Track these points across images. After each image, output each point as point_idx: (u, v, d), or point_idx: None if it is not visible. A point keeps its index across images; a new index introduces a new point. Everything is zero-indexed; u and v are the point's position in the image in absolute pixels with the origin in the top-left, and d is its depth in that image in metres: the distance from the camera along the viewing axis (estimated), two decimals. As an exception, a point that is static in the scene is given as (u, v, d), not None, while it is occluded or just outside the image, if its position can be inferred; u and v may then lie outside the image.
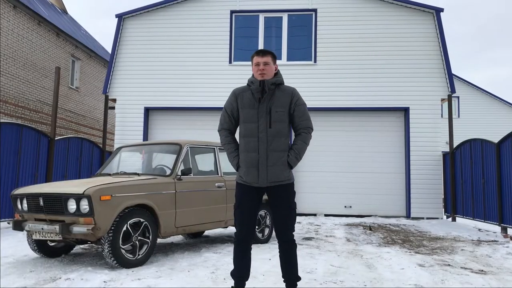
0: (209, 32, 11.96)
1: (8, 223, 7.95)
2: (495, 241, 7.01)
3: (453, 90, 11.07)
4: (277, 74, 3.32)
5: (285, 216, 3.23)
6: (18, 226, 4.75)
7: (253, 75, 3.34)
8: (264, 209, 6.42)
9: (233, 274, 3.30)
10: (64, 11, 18.82)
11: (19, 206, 4.91)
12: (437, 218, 10.70)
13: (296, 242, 3.30)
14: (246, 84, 3.38)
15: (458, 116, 21.68)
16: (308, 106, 3.45)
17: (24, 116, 13.32)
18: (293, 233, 3.28)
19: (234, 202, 3.34)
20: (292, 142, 3.33)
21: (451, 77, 11.10)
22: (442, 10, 11.21)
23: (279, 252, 3.30)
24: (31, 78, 13.70)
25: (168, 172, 5.41)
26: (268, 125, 3.20)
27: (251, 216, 3.27)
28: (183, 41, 12.00)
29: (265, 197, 3.37)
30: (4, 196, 7.81)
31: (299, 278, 3.31)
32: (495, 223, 8.34)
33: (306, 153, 3.34)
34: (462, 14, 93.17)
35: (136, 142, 8.40)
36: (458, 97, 21.65)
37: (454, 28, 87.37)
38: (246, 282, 3.33)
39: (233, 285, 3.32)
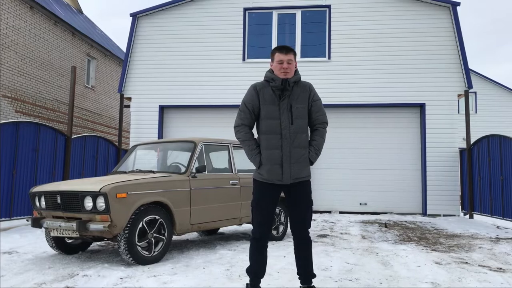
0: (223, 29, 11.97)
1: (27, 220, 8.10)
2: (514, 238, 6.90)
3: (470, 85, 10.88)
4: (296, 71, 3.32)
5: (303, 213, 3.24)
6: (36, 223, 4.85)
7: (271, 71, 3.29)
8: (279, 206, 6.41)
9: (248, 271, 3.30)
10: (80, 11, 19.04)
11: (37, 203, 5.00)
12: (454, 215, 10.54)
13: (311, 239, 3.30)
14: (264, 80, 3.34)
15: (476, 112, 21.30)
16: (322, 102, 3.44)
17: (42, 115, 13.53)
18: (309, 230, 3.28)
19: (248, 200, 3.34)
20: (309, 138, 3.32)
21: (467, 72, 10.91)
22: (458, 4, 11.02)
23: (295, 249, 3.30)
24: (48, 78, 13.90)
25: (183, 169, 5.44)
26: (290, 121, 3.19)
27: (270, 214, 3.27)
28: (197, 39, 12.03)
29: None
30: (23, 194, 7.95)
31: (314, 275, 3.30)
32: (514, 220, 8.21)
33: (321, 150, 3.33)
34: (478, 6, 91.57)
35: (151, 140, 8.49)
36: (475, 92, 21.26)
37: (469, 21, 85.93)
38: (261, 280, 3.34)
39: (248, 282, 3.32)
